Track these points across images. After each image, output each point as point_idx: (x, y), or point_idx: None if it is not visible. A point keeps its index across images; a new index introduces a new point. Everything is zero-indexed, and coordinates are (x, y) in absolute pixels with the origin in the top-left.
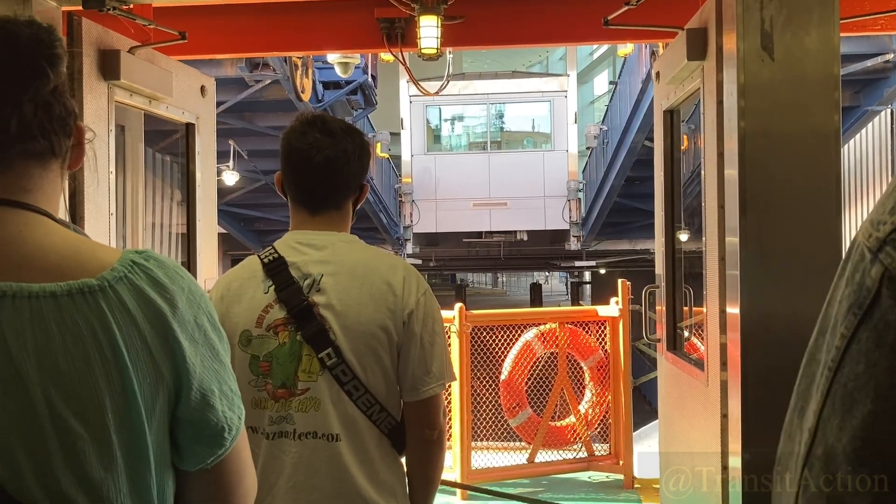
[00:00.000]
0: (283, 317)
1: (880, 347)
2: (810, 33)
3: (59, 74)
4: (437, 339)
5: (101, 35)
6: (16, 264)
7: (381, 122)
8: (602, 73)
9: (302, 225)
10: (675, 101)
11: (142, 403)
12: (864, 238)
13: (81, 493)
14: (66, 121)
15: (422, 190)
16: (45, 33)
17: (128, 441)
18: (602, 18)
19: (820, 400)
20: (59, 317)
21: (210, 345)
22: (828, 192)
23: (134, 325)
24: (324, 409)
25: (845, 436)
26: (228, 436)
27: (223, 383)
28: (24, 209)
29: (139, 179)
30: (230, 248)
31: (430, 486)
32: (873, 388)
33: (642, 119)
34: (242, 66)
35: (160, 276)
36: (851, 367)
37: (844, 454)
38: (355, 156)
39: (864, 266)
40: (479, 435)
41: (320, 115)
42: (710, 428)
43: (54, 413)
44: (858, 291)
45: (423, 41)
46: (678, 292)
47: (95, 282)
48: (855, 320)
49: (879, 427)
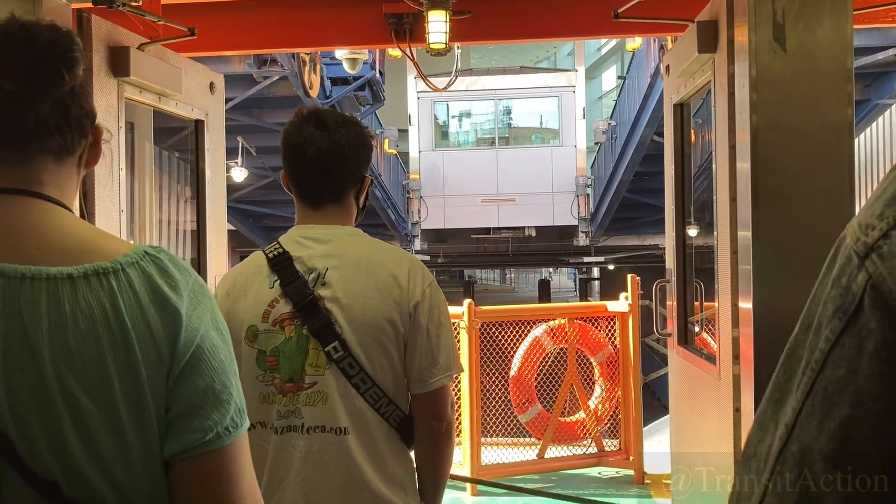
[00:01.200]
0: (289, 311)
1: (861, 354)
2: (823, 25)
3: (75, 77)
4: (444, 330)
5: (110, 32)
6: (36, 248)
7: (388, 119)
8: (610, 69)
9: (305, 220)
10: (686, 94)
11: (147, 383)
12: (852, 240)
13: (94, 469)
14: (81, 121)
15: (430, 186)
16: (63, 37)
17: (137, 419)
18: (611, 12)
19: (800, 398)
20: (73, 297)
21: (210, 341)
22: (841, 186)
23: (139, 305)
24: (331, 403)
25: (823, 437)
26: (203, 435)
27: (215, 381)
28: (43, 199)
29: (148, 176)
30: (239, 245)
31: (439, 479)
32: (852, 394)
33: (651, 113)
34: (250, 63)
35: (169, 267)
36: (833, 370)
37: (821, 454)
38: (350, 148)
39: (850, 270)
40: (488, 431)
41: (316, 110)
42: (723, 422)
43: (66, 391)
44: (844, 296)
45: (432, 36)
46: (689, 287)
47: (109, 264)
48: (840, 325)
49: (855, 431)
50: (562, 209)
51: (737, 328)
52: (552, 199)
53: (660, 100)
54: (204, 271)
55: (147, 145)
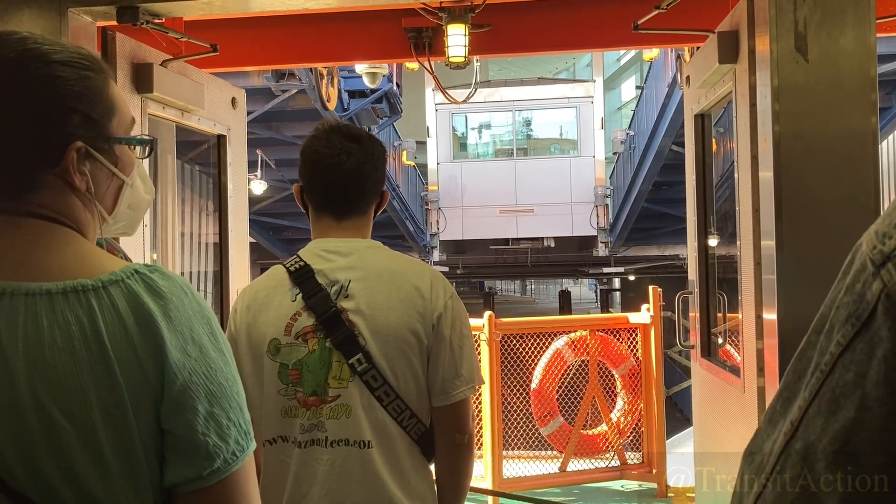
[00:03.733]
0: (311, 324)
1: (871, 360)
2: (845, 34)
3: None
4: (466, 342)
5: (134, 49)
6: (18, 263)
7: (406, 131)
8: (629, 79)
9: (327, 232)
10: (706, 105)
11: (129, 400)
12: (868, 248)
13: (67, 486)
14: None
15: (448, 197)
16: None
17: (118, 440)
18: (630, 24)
19: (808, 398)
20: (51, 312)
21: (207, 363)
22: (865, 195)
23: (121, 324)
24: (355, 416)
25: (826, 436)
26: (208, 464)
27: (215, 406)
28: (36, 218)
29: (171, 191)
30: (259, 258)
31: (460, 492)
32: (859, 398)
33: (669, 123)
34: (268, 77)
35: (160, 285)
36: (842, 374)
37: (823, 453)
38: (381, 160)
39: (865, 277)
40: (510, 444)
41: (342, 123)
42: (747, 435)
43: (38, 405)
44: (858, 302)
45: (451, 49)
46: (712, 298)
47: (90, 282)
48: (852, 330)
49: (858, 434)
50: (581, 220)
51: (761, 340)
52: (571, 210)
53: (677, 109)
54: (226, 285)
55: (170, 160)
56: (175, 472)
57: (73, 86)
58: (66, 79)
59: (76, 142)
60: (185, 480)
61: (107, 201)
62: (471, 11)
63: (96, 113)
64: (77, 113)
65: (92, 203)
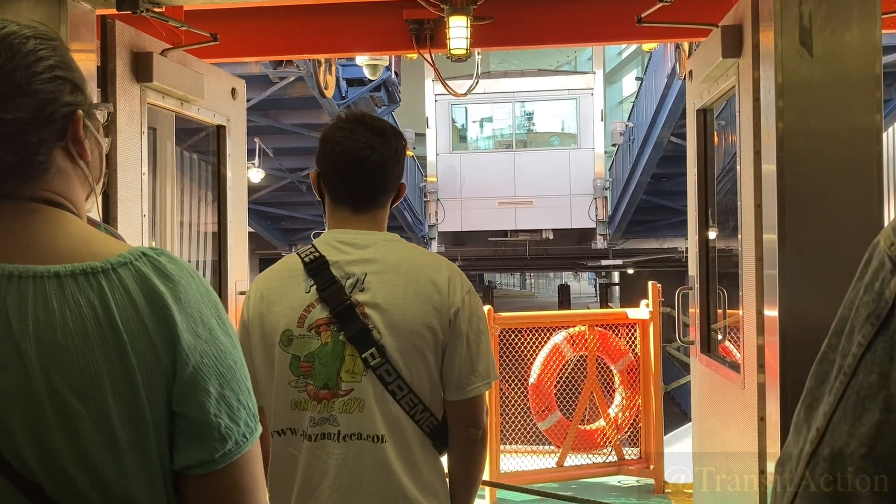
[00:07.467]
0: (325, 316)
1: (893, 359)
2: (851, 29)
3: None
4: (483, 337)
5: (133, 37)
6: (25, 247)
7: (405, 122)
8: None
9: (343, 223)
10: (709, 99)
11: (142, 383)
12: (886, 246)
13: (80, 471)
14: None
15: (447, 189)
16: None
17: (131, 423)
18: (633, 17)
19: (832, 402)
20: (60, 295)
21: (217, 346)
22: (869, 191)
23: (133, 306)
24: (368, 410)
25: (854, 441)
26: (221, 446)
27: (226, 388)
28: (41, 202)
29: (170, 180)
30: (258, 248)
31: (472, 486)
32: (883, 399)
33: (668, 114)
34: (266, 63)
35: (169, 268)
36: (865, 376)
37: (851, 458)
38: (402, 155)
39: (884, 275)
40: (507, 438)
41: (366, 114)
42: (747, 432)
43: (52, 390)
44: (877, 301)
45: (453, 42)
46: (712, 294)
47: (99, 264)
48: (872, 330)
49: (885, 437)
50: (579, 212)
51: (762, 336)
52: (569, 202)
53: (676, 101)
54: (224, 275)
55: (169, 149)
56: (187, 455)
57: (55, 56)
58: (46, 50)
59: (78, 110)
60: (198, 463)
61: (95, 170)
62: (473, 3)
63: (80, 81)
64: (67, 82)
65: (88, 175)
